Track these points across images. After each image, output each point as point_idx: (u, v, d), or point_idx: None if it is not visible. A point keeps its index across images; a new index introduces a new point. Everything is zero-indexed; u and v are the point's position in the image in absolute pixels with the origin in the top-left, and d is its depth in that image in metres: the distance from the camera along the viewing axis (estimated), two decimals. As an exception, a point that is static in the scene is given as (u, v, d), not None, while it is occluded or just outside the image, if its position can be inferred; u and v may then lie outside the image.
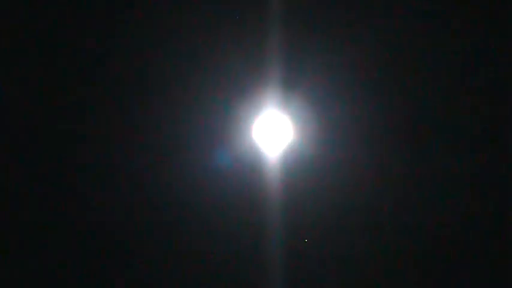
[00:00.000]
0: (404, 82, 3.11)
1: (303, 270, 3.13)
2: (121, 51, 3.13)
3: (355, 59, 3.09)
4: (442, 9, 3.11)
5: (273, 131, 3.11)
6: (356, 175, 3.09)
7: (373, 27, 3.10)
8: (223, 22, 3.09)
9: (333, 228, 3.12)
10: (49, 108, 3.14)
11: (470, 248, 3.13)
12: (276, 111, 3.10)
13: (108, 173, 3.14)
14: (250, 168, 3.09)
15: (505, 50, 3.13)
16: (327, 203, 3.11)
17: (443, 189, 3.12)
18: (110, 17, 3.13)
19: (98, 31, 3.14)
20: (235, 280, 3.13)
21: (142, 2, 3.12)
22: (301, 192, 3.09)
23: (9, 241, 3.13)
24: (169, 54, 3.12)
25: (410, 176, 3.11)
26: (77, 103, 3.15)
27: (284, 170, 3.08)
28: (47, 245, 3.13)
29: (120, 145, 3.12)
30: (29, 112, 3.14)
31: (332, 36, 3.09)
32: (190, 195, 3.11)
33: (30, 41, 3.14)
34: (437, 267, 3.13)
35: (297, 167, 3.09)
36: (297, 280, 3.13)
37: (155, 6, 3.11)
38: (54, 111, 3.14)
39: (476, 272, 3.12)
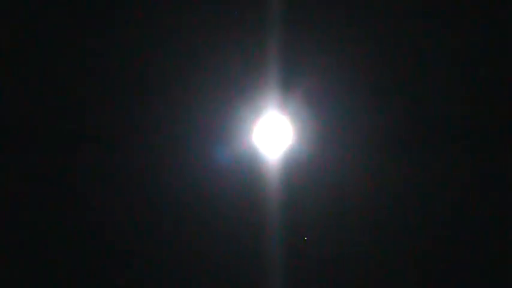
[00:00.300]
0: (403, 83, 3.11)
1: (303, 271, 3.13)
2: (121, 52, 3.13)
3: (354, 61, 3.09)
4: (442, 9, 3.10)
5: (272, 132, 3.11)
6: (355, 176, 3.09)
7: (373, 29, 3.10)
8: (223, 23, 3.09)
9: (333, 228, 3.12)
10: (49, 108, 3.14)
11: (471, 249, 3.13)
12: (276, 113, 3.10)
13: (108, 173, 3.13)
14: (250, 169, 3.09)
15: (506, 51, 3.13)
16: (327, 204, 3.11)
17: (443, 189, 3.13)
18: (110, 17, 3.13)
19: (97, 31, 3.14)
20: (236, 281, 3.13)
21: (143, 3, 3.11)
22: (301, 193, 3.09)
23: (9, 241, 3.13)
24: (169, 55, 3.11)
25: (409, 176, 3.11)
26: (77, 103, 3.15)
27: (284, 171, 3.08)
28: (47, 245, 3.13)
29: (121, 146, 3.12)
30: (29, 112, 3.14)
31: (332, 38, 3.09)
32: (191, 196, 3.11)
33: (29, 40, 3.14)
34: (437, 267, 3.13)
35: (297, 168, 3.09)
36: (297, 280, 3.13)
37: (155, 8, 3.11)
38: (54, 111, 3.14)
39: (476, 272, 3.13)
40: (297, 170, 3.09)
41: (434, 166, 3.11)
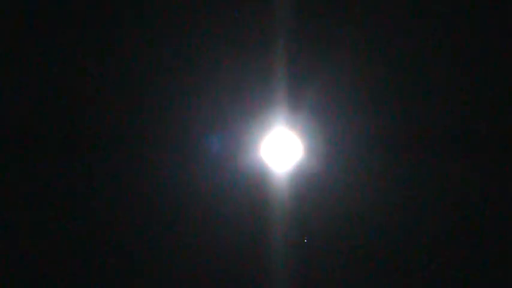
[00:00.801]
0: (413, 97, 3.12)
1: (311, 284, 3.13)
2: (126, 69, 3.11)
3: (363, 76, 3.09)
4: (453, 30, 3.12)
5: (281, 147, 3.10)
6: (364, 190, 3.09)
7: (382, 44, 3.10)
8: (231, 38, 3.08)
9: (343, 243, 3.12)
10: (48, 108, 3.13)
11: (475, 253, 3.15)
12: (284, 129, 3.09)
13: (119, 174, 3.13)
14: (259, 185, 3.08)
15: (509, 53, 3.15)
16: (335, 218, 3.11)
17: (458, 201, 3.13)
18: (121, 37, 3.12)
19: (107, 37, 3.12)
20: None
21: (147, 26, 3.10)
22: (310, 207, 3.09)
23: (8, 241, 3.12)
24: (176, 70, 3.10)
25: (421, 190, 3.12)
26: (80, 103, 3.14)
27: (293, 187, 3.08)
28: (47, 245, 3.13)
29: (131, 155, 3.12)
30: (30, 111, 3.13)
31: (340, 53, 3.09)
32: (199, 211, 3.10)
33: (29, 40, 3.13)
34: (444, 270, 3.14)
35: (306, 183, 3.09)
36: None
37: (161, 30, 3.10)
38: (55, 110, 3.13)
39: (476, 272, 3.14)
40: (307, 186, 3.09)
41: (448, 178, 3.11)
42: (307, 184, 3.09)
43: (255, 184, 3.08)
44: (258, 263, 3.10)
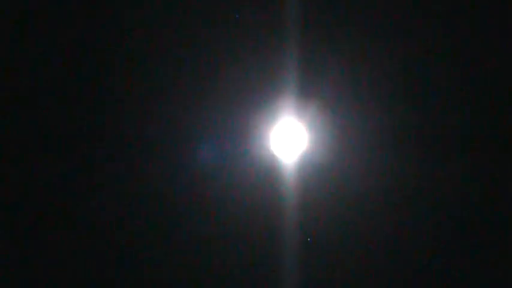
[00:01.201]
0: (421, 91, 3.12)
1: (317, 277, 3.13)
2: (137, 62, 3.11)
3: (371, 68, 3.09)
4: (463, 29, 3.12)
5: (288, 138, 3.11)
6: (370, 181, 3.10)
7: (391, 37, 3.11)
8: (240, 30, 3.09)
9: (349, 234, 3.12)
10: (51, 109, 3.13)
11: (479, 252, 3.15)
12: (292, 119, 3.10)
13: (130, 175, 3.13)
14: (266, 175, 3.09)
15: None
16: (342, 209, 3.11)
17: (463, 196, 3.13)
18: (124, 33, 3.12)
19: (108, 38, 3.13)
20: (250, 284, 3.13)
21: (162, 15, 3.10)
22: (317, 199, 3.09)
23: (7, 241, 3.12)
24: (186, 63, 3.10)
25: (425, 183, 3.12)
26: (80, 103, 3.14)
27: (300, 177, 3.08)
28: (47, 244, 3.13)
29: (140, 152, 3.12)
30: (34, 111, 3.13)
31: (349, 45, 3.09)
32: (206, 200, 3.10)
33: (29, 40, 3.13)
34: (449, 270, 3.15)
35: (313, 174, 3.09)
36: (310, 283, 3.13)
37: (174, 18, 3.10)
38: (55, 112, 3.13)
39: (477, 272, 3.15)
40: (314, 177, 3.09)
41: (452, 173, 3.12)
42: (314, 175, 3.09)
43: (263, 174, 3.08)
44: (264, 253, 3.10)
